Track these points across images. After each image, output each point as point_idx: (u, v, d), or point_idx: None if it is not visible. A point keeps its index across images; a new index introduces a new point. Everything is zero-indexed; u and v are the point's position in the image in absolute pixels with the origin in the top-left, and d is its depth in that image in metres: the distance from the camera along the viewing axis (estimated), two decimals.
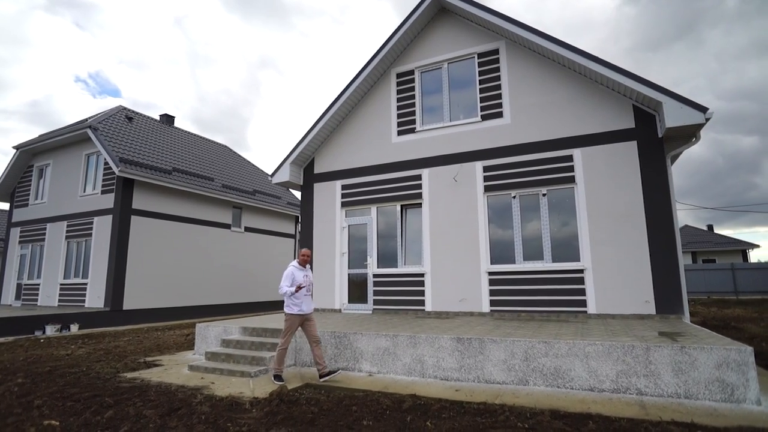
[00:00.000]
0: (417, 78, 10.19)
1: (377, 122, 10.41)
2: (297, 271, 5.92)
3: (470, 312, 8.79)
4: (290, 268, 5.93)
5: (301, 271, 5.95)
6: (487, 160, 9.14)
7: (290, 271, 5.89)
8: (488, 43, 9.49)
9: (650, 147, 7.87)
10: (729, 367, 4.52)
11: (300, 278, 5.86)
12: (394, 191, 9.96)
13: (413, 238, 9.79)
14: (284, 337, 5.82)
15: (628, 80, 7.61)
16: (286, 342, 5.83)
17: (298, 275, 5.88)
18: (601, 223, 8.05)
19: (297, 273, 5.90)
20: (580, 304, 8.01)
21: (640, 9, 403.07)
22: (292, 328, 5.83)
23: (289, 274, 5.86)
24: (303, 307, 5.83)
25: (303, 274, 5.95)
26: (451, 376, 5.71)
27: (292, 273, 5.86)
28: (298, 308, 5.79)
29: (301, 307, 5.81)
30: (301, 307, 5.80)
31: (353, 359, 6.36)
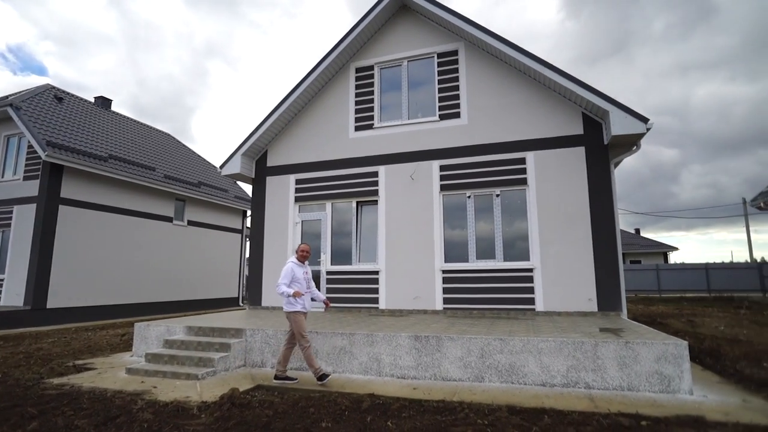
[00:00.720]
0: (376, 74, 10.10)
1: (334, 116, 10.20)
2: (297, 267, 5.62)
3: (424, 310, 8.84)
4: (289, 265, 5.59)
5: (300, 268, 5.68)
6: (443, 160, 9.23)
7: (289, 267, 5.56)
8: (448, 43, 9.58)
9: (596, 153, 8.30)
10: (667, 360, 4.84)
11: (300, 275, 5.60)
12: (350, 187, 9.80)
13: (368, 236, 9.70)
14: (303, 336, 5.47)
15: (580, 88, 7.97)
16: (307, 339, 5.51)
17: (298, 272, 5.61)
18: (550, 224, 8.38)
19: (297, 270, 5.60)
20: (528, 302, 8.30)
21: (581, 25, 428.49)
22: (302, 325, 5.50)
23: (288, 271, 5.53)
24: (306, 304, 5.60)
25: (302, 270, 5.69)
26: (408, 375, 5.68)
27: (292, 270, 5.55)
28: (301, 305, 5.53)
29: (304, 305, 5.56)
30: (303, 304, 5.55)
31: None
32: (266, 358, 6.36)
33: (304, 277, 5.65)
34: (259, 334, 6.44)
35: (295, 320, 5.47)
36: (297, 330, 5.46)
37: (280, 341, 6.30)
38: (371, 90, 10.04)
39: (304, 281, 5.64)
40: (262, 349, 6.40)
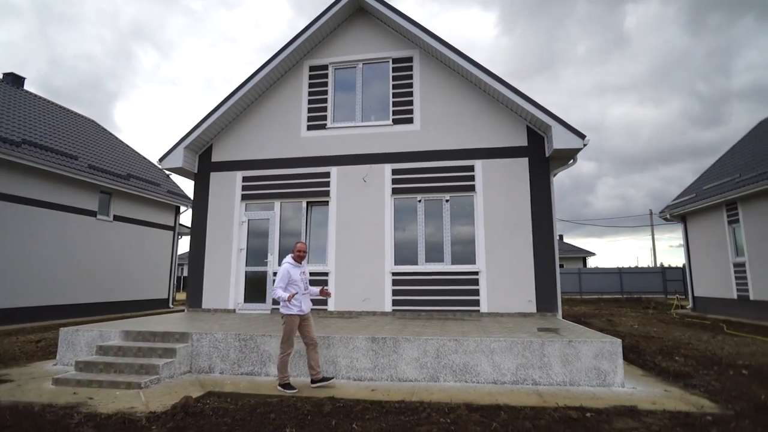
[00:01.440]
0: (331, 74, 10.01)
1: (286, 114, 9.96)
2: (293, 268, 5.34)
3: (373, 311, 8.90)
4: (285, 266, 5.32)
5: (297, 269, 5.39)
6: (396, 164, 9.37)
7: (285, 269, 5.29)
8: (403, 49, 9.76)
9: (538, 164, 8.88)
10: (603, 356, 5.31)
11: (297, 276, 5.32)
12: (300, 187, 9.63)
13: (318, 237, 9.58)
14: (286, 342, 5.21)
15: (526, 103, 8.50)
16: (288, 347, 5.22)
17: (295, 273, 5.32)
18: (495, 229, 8.82)
19: (293, 271, 5.32)
20: (474, 304, 8.67)
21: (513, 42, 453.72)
22: (293, 330, 5.24)
23: (284, 273, 5.26)
24: (303, 306, 5.31)
25: (299, 271, 5.40)
26: (364, 376, 5.70)
27: (288, 271, 5.27)
28: (298, 308, 5.24)
29: (301, 307, 5.28)
30: (300, 307, 5.27)
31: (260, 363, 5.96)
32: (214, 363, 6.05)
33: (301, 278, 5.39)
34: (207, 338, 6.12)
35: (287, 323, 5.23)
36: (285, 332, 5.23)
37: (229, 345, 6.04)
38: (325, 90, 9.94)
39: (301, 282, 5.37)
40: (210, 354, 6.09)
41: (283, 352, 5.21)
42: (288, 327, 5.21)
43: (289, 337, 5.21)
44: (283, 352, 5.21)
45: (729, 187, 13.50)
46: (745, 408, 4.43)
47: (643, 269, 25.67)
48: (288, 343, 5.21)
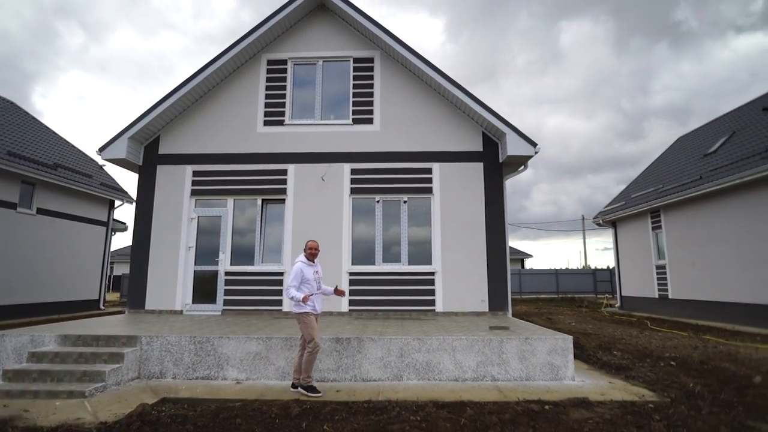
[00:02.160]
0: (290, 69, 9.79)
1: (242, 108, 9.60)
2: (306, 267, 5.21)
3: (329, 312, 8.80)
4: (298, 265, 5.18)
5: (310, 268, 5.25)
6: (355, 163, 9.36)
7: (298, 268, 5.15)
8: (365, 50, 9.76)
9: (493, 169, 9.25)
10: (557, 352, 5.65)
11: (310, 275, 5.19)
12: (255, 184, 9.32)
13: (273, 235, 9.33)
14: (312, 339, 5.01)
15: (483, 110, 8.82)
16: (316, 343, 5.03)
17: (308, 272, 5.19)
18: (451, 231, 9.07)
19: (306, 270, 5.19)
20: (430, 304, 8.86)
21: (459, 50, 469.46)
22: (314, 326, 5.08)
23: (297, 272, 5.12)
24: (316, 305, 5.21)
25: (313, 270, 5.27)
26: (328, 377, 5.64)
27: (301, 270, 5.14)
28: (311, 307, 5.12)
29: (315, 306, 5.17)
30: (314, 306, 5.17)
31: (216, 366, 5.70)
32: (166, 368, 5.70)
33: (314, 277, 5.26)
34: (158, 341, 5.75)
35: (305, 322, 5.08)
36: (306, 332, 5.07)
37: (183, 349, 5.72)
38: (283, 85, 9.70)
39: (314, 281, 5.25)
40: (161, 359, 5.72)
41: (311, 351, 5.02)
42: (308, 325, 5.08)
43: (312, 333, 5.05)
44: (312, 350, 5.02)
45: (653, 197, 14.85)
46: (678, 395, 4.91)
47: (576, 271, 27.59)
48: (314, 339, 5.05)
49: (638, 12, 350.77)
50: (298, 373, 5.14)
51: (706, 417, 4.14)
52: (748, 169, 10.68)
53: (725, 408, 4.45)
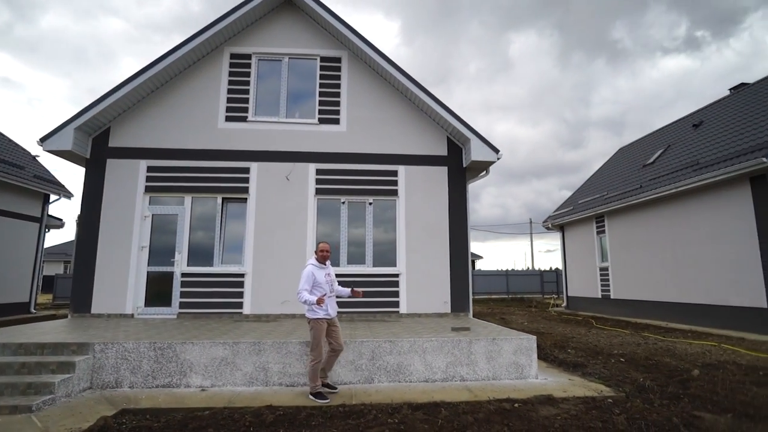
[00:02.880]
0: (254, 64, 9.50)
1: (202, 102, 9.19)
2: (317, 270, 5.12)
3: (292, 314, 8.65)
4: (309, 268, 5.10)
5: (321, 270, 5.17)
6: (320, 164, 9.25)
7: (309, 271, 5.06)
8: (332, 49, 9.67)
9: (456, 174, 9.48)
10: (521, 352, 5.89)
11: (321, 278, 5.10)
12: (216, 181, 8.96)
13: (234, 235, 9.01)
14: (316, 348, 4.94)
15: (449, 116, 9.02)
16: (318, 354, 4.94)
17: (319, 275, 5.10)
18: (415, 233, 9.19)
19: (318, 273, 5.11)
20: (394, 305, 8.93)
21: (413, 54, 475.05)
22: (322, 334, 4.97)
23: (308, 275, 5.03)
24: (329, 310, 5.10)
25: (324, 272, 5.18)
26: (297, 382, 5.53)
27: (312, 273, 5.05)
28: (324, 311, 5.02)
29: (328, 311, 5.07)
30: (327, 311, 5.06)
31: (179, 373, 5.42)
32: (123, 376, 5.34)
33: (326, 280, 5.15)
34: (114, 348, 5.38)
35: (315, 328, 4.98)
36: (313, 338, 4.97)
37: (142, 355, 5.39)
38: (247, 80, 9.40)
39: (326, 284, 5.13)
40: (117, 367, 5.35)
41: (313, 359, 4.94)
42: (316, 332, 4.97)
43: (318, 342, 4.95)
44: (314, 359, 4.93)
45: (598, 203, 15.85)
46: (632, 390, 5.28)
47: (525, 272, 28.86)
48: (318, 349, 4.95)
49: (579, 29, 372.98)
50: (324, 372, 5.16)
51: (659, 409, 4.49)
52: (682, 180, 11.67)
53: (673, 400, 4.84)
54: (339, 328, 5.28)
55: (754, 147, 10.04)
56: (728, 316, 10.55)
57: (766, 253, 9.78)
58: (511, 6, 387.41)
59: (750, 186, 10.19)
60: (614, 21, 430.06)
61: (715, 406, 4.69)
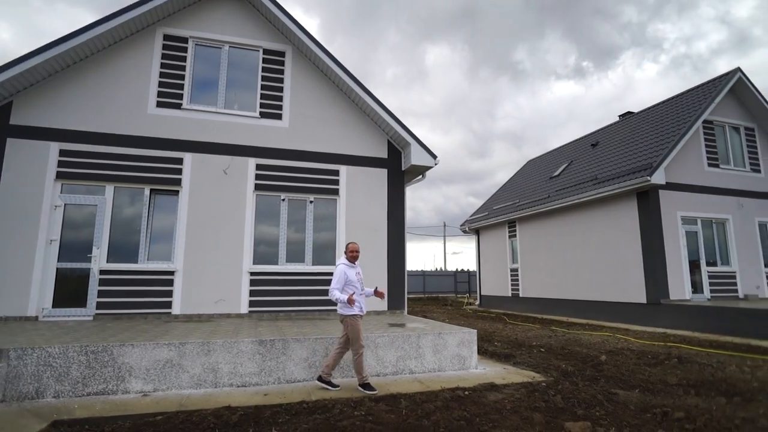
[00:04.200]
0: (191, 48, 8.93)
1: (130, 83, 8.41)
2: (349, 269, 5.32)
3: (227, 314, 8.30)
4: (341, 267, 5.31)
5: (352, 269, 5.37)
6: (261, 159, 8.99)
7: (341, 270, 5.26)
8: (276, 42, 9.45)
9: (395, 177, 9.83)
10: (464, 345, 6.36)
11: (353, 277, 5.30)
12: (143, 171, 8.26)
13: (163, 230, 8.38)
14: (357, 341, 5.15)
15: (391, 119, 9.34)
16: (360, 345, 5.16)
17: (351, 274, 5.30)
18: (355, 233, 9.33)
19: (349, 272, 5.30)
20: (333, 304, 8.89)
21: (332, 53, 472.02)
22: (360, 328, 5.18)
23: (340, 274, 5.24)
24: (362, 306, 5.32)
25: (355, 271, 5.39)
26: (249, 382, 5.38)
27: (344, 272, 5.25)
28: (358, 308, 5.23)
29: (361, 307, 5.29)
30: (361, 307, 5.28)
31: (116, 378, 4.96)
32: (46, 385, 4.74)
33: (358, 278, 5.36)
34: (35, 354, 4.75)
35: (353, 324, 5.16)
36: (353, 335, 5.15)
37: (71, 361, 4.84)
38: (182, 65, 8.81)
39: (358, 283, 5.34)
40: (38, 375, 4.74)
41: (356, 353, 5.18)
42: (354, 327, 5.16)
43: (358, 336, 5.15)
44: (357, 353, 5.17)
45: (511, 210, 17.38)
46: (558, 375, 6.00)
47: (440, 272, 30.46)
48: (359, 341, 5.16)
49: (486, 46, 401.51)
50: (329, 368, 5.28)
51: (584, 389, 5.19)
52: (583, 193, 13.34)
53: (593, 381, 5.63)
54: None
55: (640, 167, 11.85)
56: (617, 310, 12.30)
57: (646, 258, 11.60)
58: (428, 17, 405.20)
59: (636, 200, 12.00)
60: (516, 44, 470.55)
61: (624, 384, 5.55)
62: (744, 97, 13.58)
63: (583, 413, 4.30)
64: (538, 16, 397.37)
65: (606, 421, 4.07)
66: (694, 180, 12.34)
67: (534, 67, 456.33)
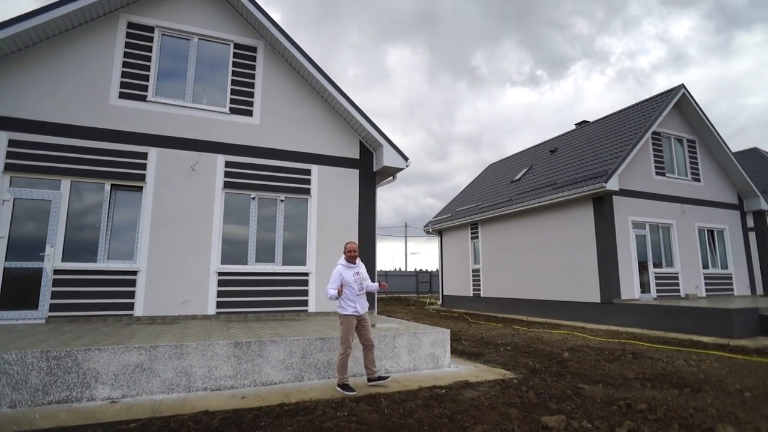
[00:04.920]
0: (157, 38, 8.55)
1: (90, 72, 7.94)
2: (345, 270, 5.31)
3: (193, 315, 8.03)
4: (337, 268, 5.34)
5: (350, 269, 5.34)
6: (230, 156, 8.76)
7: (337, 271, 5.30)
8: (248, 37, 9.24)
9: (367, 177, 9.87)
10: (437, 344, 6.50)
11: (349, 278, 5.27)
12: (103, 165, 7.83)
13: (124, 228, 7.97)
14: (344, 343, 5.18)
15: (364, 120, 9.38)
16: (346, 348, 5.15)
17: (347, 275, 5.28)
18: (326, 233, 9.30)
19: (345, 273, 5.29)
20: (303, 304, 8.90)
21: None
22: (350, 330, 5.18)
23: (336, 275, 5.28)
24: (357, 307, 5.24)
25: (353, 272, 5.34)
26: (224, 385, 5.24)
27: (340, 273, 5.27)
28: (353, 308, 5.20)
29: (356, 308, 5.23)
30: (355, 308, 5.22)
31: (80, 385, 4.68)
32: (2, 394, 4.40)
33: (355, 279, 5.31)
34: None
35: (344, 324, 5.22)
36: (342, 335, 5.21)
37: (30, 368, 4.53)
38: (148, 55, 8.42)
39: (355, 283, 5.29)
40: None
41: (341, 353, 5.17)
42: (345, 328, 5.18)
43: (346, 337, 5.17)
44: (342, 353, 5.16)
45: (474, 212, 17.86)
46: (527, 372, 6.27)
47: (402, 273, 30.75)
48: (345, 344, 5.16)
49: (446, 51, 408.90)
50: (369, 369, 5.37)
51: (553, 385, 5.46)
52: (544, 197, 13.94)
53: (560, 377, 5.93)
54: (368, 325, 5.42)
55: (596, 174, 12.55)
56: (574, 309, 12.95)
57: (601, 260, 12.29)
58: (389, 19, 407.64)
59: (593, 205, 12.69)
60: (475, 49, 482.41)
61: (588, 379, 5.88)
62: (687, 111, 14.69)
63: (556, 407, 4.53)
64: (496, 23, 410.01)
65: (577, 415, 4.32)
66: (644, 187, 13.22)
67: (491, 72, 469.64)
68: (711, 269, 14.24)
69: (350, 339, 5.25)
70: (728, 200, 15.32)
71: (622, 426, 3.96)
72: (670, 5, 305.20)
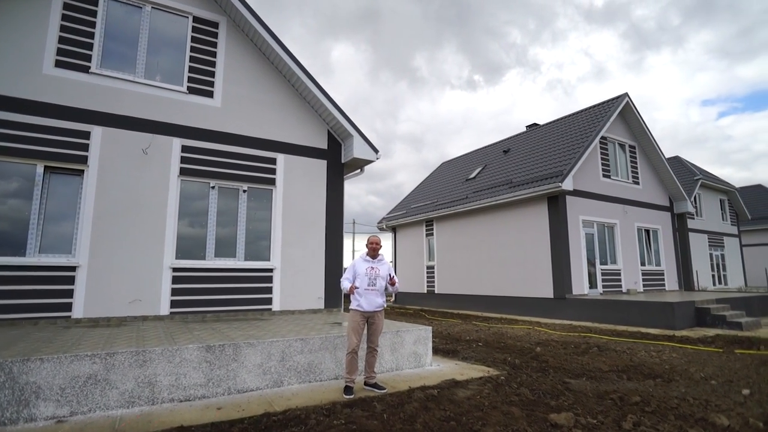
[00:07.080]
0: (102, 5, 7.52)
1: (18, 35, 6.80)
2: (361, 262, 5.13)
3: (143, 316, 7.18)
4: (356, 259, 5.21)
5: (366, 263, 5.11)
6: (188, 140, 7.95)
7: (353, 262, 5.18)
8: (208, 11, 8.43)
9: (335, 169, 9.43)
10: (420, 342, 6.27)
11: (362, 270, 5.05)
12: (34, 143, 6.75)
13: (60, 217, 6.94)
14: (347, 339, 4.99)
15: (334, 109, 8.94)
16: (350, 344, 4.88)
17: (361, 266, 5.08)
18: (292, 226, 8.76)
19: (359, 264, 5.11)
20: (267, 302, 8.31)
21: None
22: (354, 327, 4.92)
23: (351, 265, 5.16)
24: (362, 302, 4.95)
25: (367, 265, 5.09)
26: (195, 395, 4.63)
27: (354, 264, 5.14)
28: (357, 303, 4.97)
29: (360, 303, 4.95)
30: (359, 303, 4.95)
31: (16, 403, 3.89)
32: None
33: (368, 273, 5.02)
34: None
35: (349, 318, 5.04)
36: (347, 328, 5.05)
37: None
38: (92, 21, 7.39)
39: (365, 276, 5.01)
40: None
41: (346, 351, 4.95)
42: (349, 322, 5.00)
43: (349, 335, 4.94)
44: (347, 350, 4.92)
45: (429, 209, 17.93)
46: (509, 368, 6.23)
47: None
48: (348, 341, 4.93)
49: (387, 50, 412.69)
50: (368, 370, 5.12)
51: (541, 380, 5.44)
52: (501, 195, 14.25)
53: (543, 372, 5.94)
54: (378, 326, 5.10)
55: (552, 174, 13.01)
56: (528, 305, 13.35)
57: (554, 257, 12.77)
58: (331, 14, 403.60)
59: (547, 204, 13.14)
60: (415, 51, 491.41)
61: (569, 373, 5.95)
62: (629, 119, 15.72)
63: (555, 404, 4.47)
64: (436, 26, 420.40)
65: (578, 410, 4.27)
66: (592, 188, 13.93)
67: (431, 75, 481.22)
68: (647, 266, 15.36)
69: (353, 337, 4.90)
70: (662, 202, 16.63)
71: (627, 420, 3.96)
72: (593, 22, 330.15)
